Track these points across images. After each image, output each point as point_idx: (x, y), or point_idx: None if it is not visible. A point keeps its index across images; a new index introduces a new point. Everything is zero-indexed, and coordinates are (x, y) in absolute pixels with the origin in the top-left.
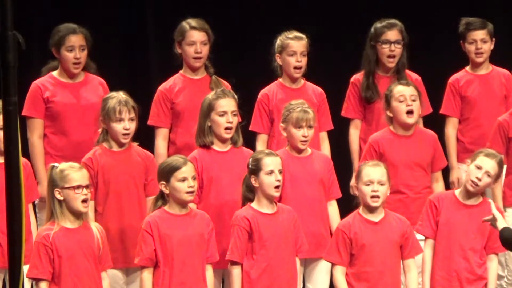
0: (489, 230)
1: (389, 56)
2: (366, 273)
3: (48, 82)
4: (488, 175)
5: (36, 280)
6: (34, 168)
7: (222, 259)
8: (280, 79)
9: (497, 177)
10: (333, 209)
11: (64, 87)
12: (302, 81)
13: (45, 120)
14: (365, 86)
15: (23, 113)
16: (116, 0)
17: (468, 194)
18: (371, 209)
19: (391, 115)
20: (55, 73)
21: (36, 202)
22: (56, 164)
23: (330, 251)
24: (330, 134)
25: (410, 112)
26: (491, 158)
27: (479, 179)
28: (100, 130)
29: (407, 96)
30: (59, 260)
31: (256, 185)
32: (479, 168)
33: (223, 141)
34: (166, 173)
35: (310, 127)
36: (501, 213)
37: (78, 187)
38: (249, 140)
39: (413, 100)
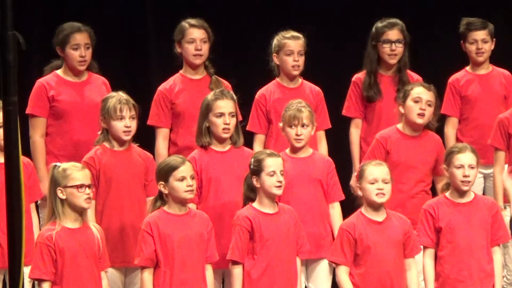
0: (491, 223)
1: (390, 55)
2: (372, 273)
3: (52, 81)
4: (472, 167)
5: (38, 281)
6: (35, 166)
7: (222, 259)
8: (277, 79)
9: (478, 163)
10: (335, 211)
11: (68, 86)
12: (300, 80)
13: (48, 119)
14: (367, 85)
15: (27, 111)
16: (116, 0)
17: (461, 194)
18: (376, 207)
19: (403, 111)
20: (59, 72)
21: (38, 201)
22: (58, 164)
23: (334, 251)
24: (330, 133)
25: (421, 115)
26: (464, 152)
27: (468, 176)
28: (100, 132)
29: (423, 99)
30: (62, 260)
31: (258, 185)
32: (461, 167)
33: (221, 141)
34: (165, 173)
35: (303, 125)
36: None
37: (81, 186)
38: (248, 140)
39: (429, 105)
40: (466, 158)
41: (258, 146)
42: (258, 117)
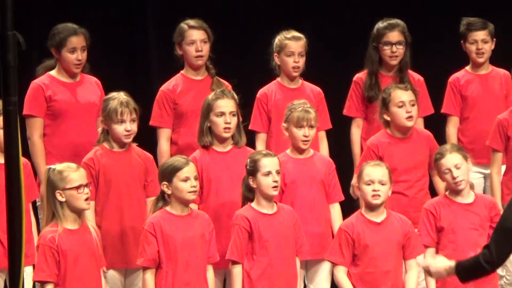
0: (490, 222)
1: (391, 57)
2: (369, 274)
3: (48, 81)
4: (458, 167)
5: (42, 283)
6: (36, 167)
7: (222, 260)
8: (278, 79)
9: (466, 158)
10: (335, 211)
11: (64, 87)
12: (300, 80)
13: (45, 119)
14: (368, 85)
15: (24, 112)
16: (116, 0)
17: (458, 193)
18: (373, 208)
19: (388, 118)
20: (53, 73)
21: (37, 203)
22: (52, 166)
23: (333, 251)
24: (331, 133)
25: (410, 117)
26: (445, 156)
27: (457, 177)
28: (99, 130)
29: (406, 102)
30: (65, 261)
31: (254, 186)
32: (448, 170)
33: (222, 141)
34: (168, 173)
35: (311, 126)
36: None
37: (80, 186)
38: (250, 140)
39: (412, 105)
40: (448, 161)
41: (260, 145)
42: (260, 116)
